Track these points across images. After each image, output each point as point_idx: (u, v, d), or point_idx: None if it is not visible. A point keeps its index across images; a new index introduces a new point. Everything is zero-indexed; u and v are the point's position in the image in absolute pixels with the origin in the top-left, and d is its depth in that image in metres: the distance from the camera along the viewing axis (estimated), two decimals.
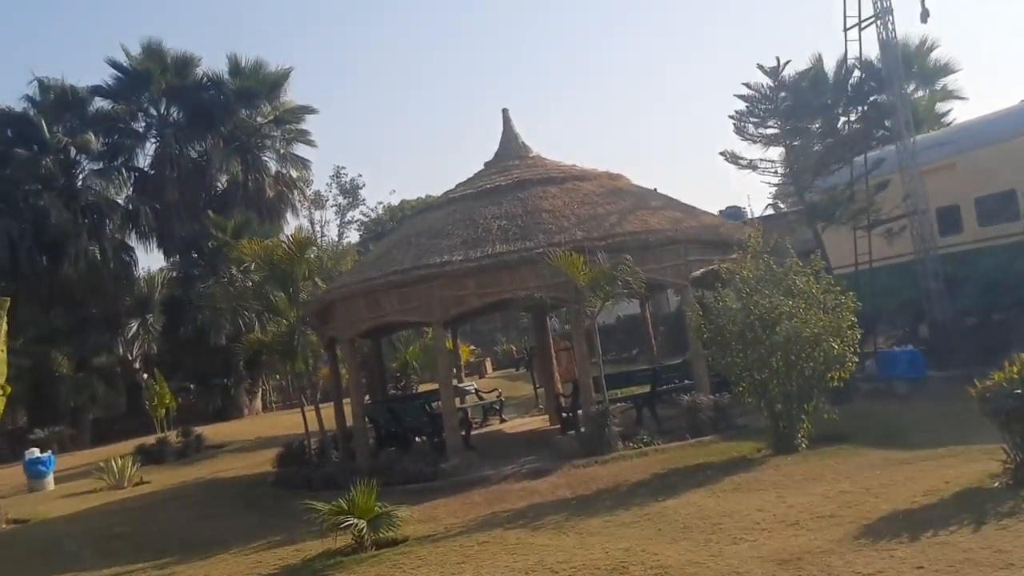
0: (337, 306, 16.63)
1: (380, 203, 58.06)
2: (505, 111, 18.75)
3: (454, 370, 37.10)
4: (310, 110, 37.81)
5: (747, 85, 17.82)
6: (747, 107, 17.82)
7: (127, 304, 36.85)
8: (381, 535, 10.11)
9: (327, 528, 10.12)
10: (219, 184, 37.57)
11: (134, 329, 38.56)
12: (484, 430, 19.27)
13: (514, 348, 41.30)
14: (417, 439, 17.52)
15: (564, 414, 15.76)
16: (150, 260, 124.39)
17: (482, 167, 18.54)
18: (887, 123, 18.70)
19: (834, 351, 11.34)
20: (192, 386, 36.71)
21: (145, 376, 33.91)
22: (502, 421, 20.61)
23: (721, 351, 12.24)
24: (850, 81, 18.17)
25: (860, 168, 17.37)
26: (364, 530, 9.85)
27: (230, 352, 30.71)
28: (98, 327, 34.88)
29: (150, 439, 24.76)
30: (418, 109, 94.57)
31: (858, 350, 11.58)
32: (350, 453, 17.03)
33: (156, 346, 37.62)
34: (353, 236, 58.01)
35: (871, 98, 18.86)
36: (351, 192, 61.39)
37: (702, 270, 15.55)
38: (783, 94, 17.42)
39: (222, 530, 13.53)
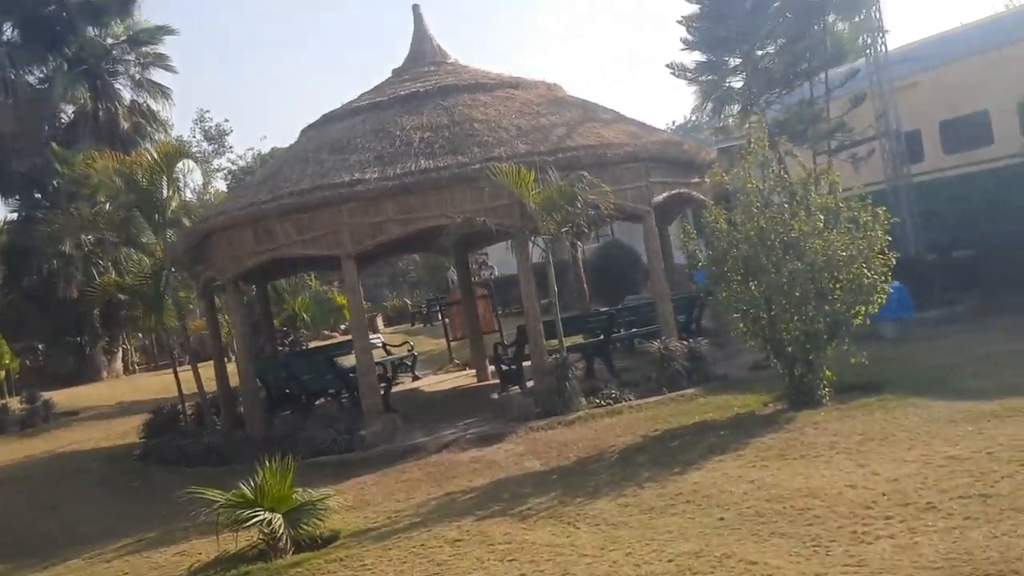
0: (217, 238, 13.37)
1: (250, 149, 53.45)
2: (416, 7, 15.70)
3: (342, 326, 34.32)
4: (168, 31, 32.98)
5: None
6: (700, 8, 15.44)
7: None
8: (302, 530, 7.32)
9: (225, 523, 7.25)
10: (64, 114, 32.65)
11: None
12: (396, 389, 16.48)
13: (408, 302, 38.52)
14: (318, 401, 14.73)
15: (504, 367, 13.17)
16: None
17: (390, 75, 15.53)
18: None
19: (865, 281, 9.14)
20: (40, 346, 32.30)
21: None
22: (415, 379, 17.89)
23: (717, 283, 9.87)
24: None
25: (836, 78, 15.31)
26: (281, 527, 7.02)
27: (83, 305, 26.60)
28: None
29: None
30: (292, 45, 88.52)
31: (890, 279, 9.42)
32: (236, 419, 14.01)
33: None
34: (219, 185, 53.27)
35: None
36: (217, 138, 56.40)
37: (665, 194, 13.18)
38: None
39: (76, 522, 10.64)
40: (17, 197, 31.65)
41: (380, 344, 18.23)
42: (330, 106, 15.16)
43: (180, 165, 14.19)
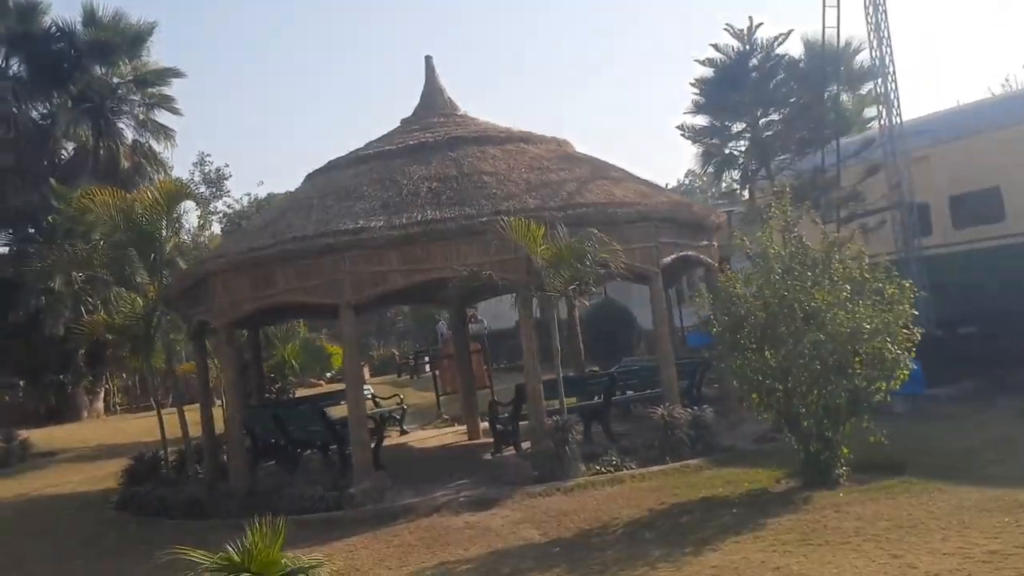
0: (213, 282, 12.98)
1: (247, 194, 53.30)
2: (428, 59, 15.66)
3: (328, 375, 33.68)
4: (176, 73, 32.82)
5: (715, 47, 15.42)
6: (715, 73, 15.37)
7: None
8: None
9: None
10: (65, 151, 32.40)
11: None
12: (384, 444, 15.92)
13: (396, 353, 38.00)
14: (304, 453, 14.23)
15: (500, 426, 12.71)
16: None
17: (399, 124, 15.34)
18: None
19: (888, 355, 8.77)
20: (21, 382, 31.55)
21: None
22: (402, 433, 17.38)
23: (731, 351, 9.50)
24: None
25: (848, 147, 15.17)
26: None
27: (68, 343, 25.98)
28: None
29: None
30: (297, 92, 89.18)
31: (914, 354, 9.07)
32: (219, 469, 13.48)
33: None
34: (215, 228, 52.97)
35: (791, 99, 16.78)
36: (216, 182, 56.26)
37: (673, 256, 12.91)
38: (754, 61, 15.04)
39: None
40: (10, 231, 31.26)
41: (370, 396, 17.74)
42: (333, 154, 14.95)
43: (180, 206, 13.86)
